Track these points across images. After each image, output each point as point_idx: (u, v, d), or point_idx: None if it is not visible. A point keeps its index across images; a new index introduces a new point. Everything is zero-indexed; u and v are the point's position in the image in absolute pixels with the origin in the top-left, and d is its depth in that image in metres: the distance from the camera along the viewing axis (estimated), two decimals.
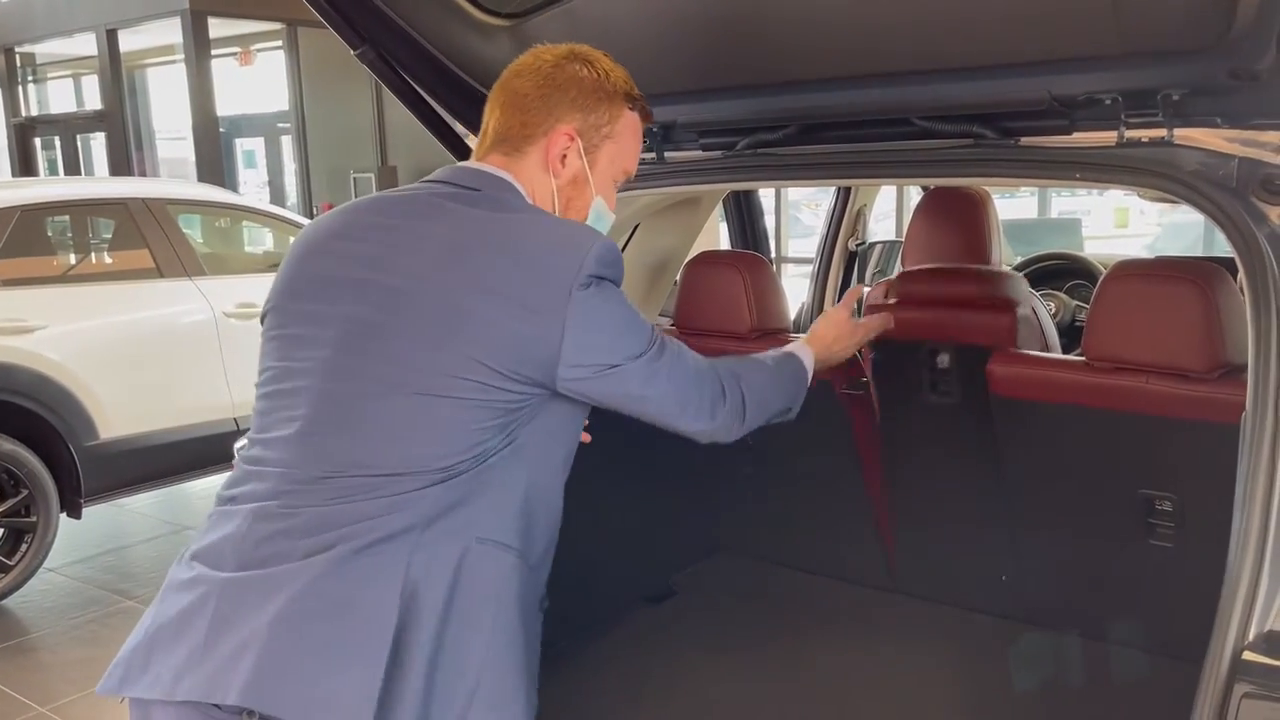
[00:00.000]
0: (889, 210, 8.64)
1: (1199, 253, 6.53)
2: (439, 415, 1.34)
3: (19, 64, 15.37)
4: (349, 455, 1.34)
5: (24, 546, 4.41)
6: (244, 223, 6.26)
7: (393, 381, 1.35)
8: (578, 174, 1.51)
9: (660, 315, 2.99)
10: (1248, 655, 1.22)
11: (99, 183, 7.92)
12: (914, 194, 5.87)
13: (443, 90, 2.10)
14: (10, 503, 4.36)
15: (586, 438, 1.82)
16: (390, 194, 1.54)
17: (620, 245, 2.76)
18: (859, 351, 3.53)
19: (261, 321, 1.53)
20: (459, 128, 2.19)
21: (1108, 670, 2.29)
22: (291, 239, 6.23)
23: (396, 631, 1.27)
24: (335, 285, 1.42)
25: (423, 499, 1.32)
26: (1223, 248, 1.60)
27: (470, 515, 1.35)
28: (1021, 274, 3.82)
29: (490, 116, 1.54)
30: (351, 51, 2.01)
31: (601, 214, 1.57)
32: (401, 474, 1.32)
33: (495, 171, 1.49)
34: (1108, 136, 1.70)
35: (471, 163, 1.52)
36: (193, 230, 5.74)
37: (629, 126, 1.56)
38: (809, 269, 3.89)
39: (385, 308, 1.37)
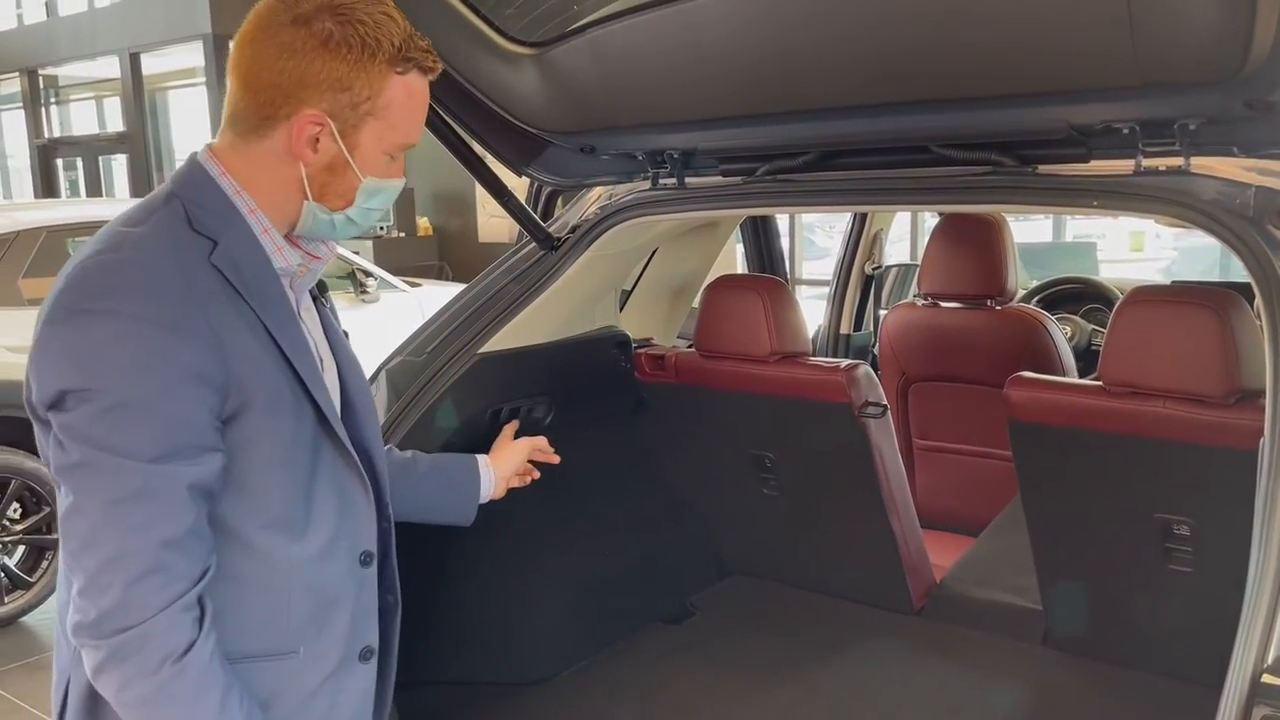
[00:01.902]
0: (905, 233, 8.66)
1: (1215, 277, 6.53)
2: None
3: (42, 86, 15.58)
4: None
5: (45, 564, 4.45)
6: None
7: None
8: (334, 160, 1.25)
9: (679, 337, 3.02)
10: (1267, 678, 1.23)
11: (122, 204, 8.01)
12: (929, 218, 5.89)
13: (468, 117, 2.14)
14: (32, 520, 4.41)
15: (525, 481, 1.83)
16: None
17: (639, 269, 2.79)
18: (875, 352, 3.53)
19: None
20: (482, 152, 2.23)
21: (1127, 695, 2.29)
22: None
23: None
24: None
25: None
26: (1239, 272, 1.62)
27: None
28: (1037, 297, 3.84)
29: (228, 89, 1.28)
30: None
31: (376, 190, 1.30)
32: None
33: (198, 156, 1.27)
34: (1125, 165, 1.72)
35: (196, 152, 1.30)
36: None
37: (401, 95, 1.25)
38: (823, 290, 3.91)
39: None
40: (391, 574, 1.43)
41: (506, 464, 1.81)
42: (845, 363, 2.43)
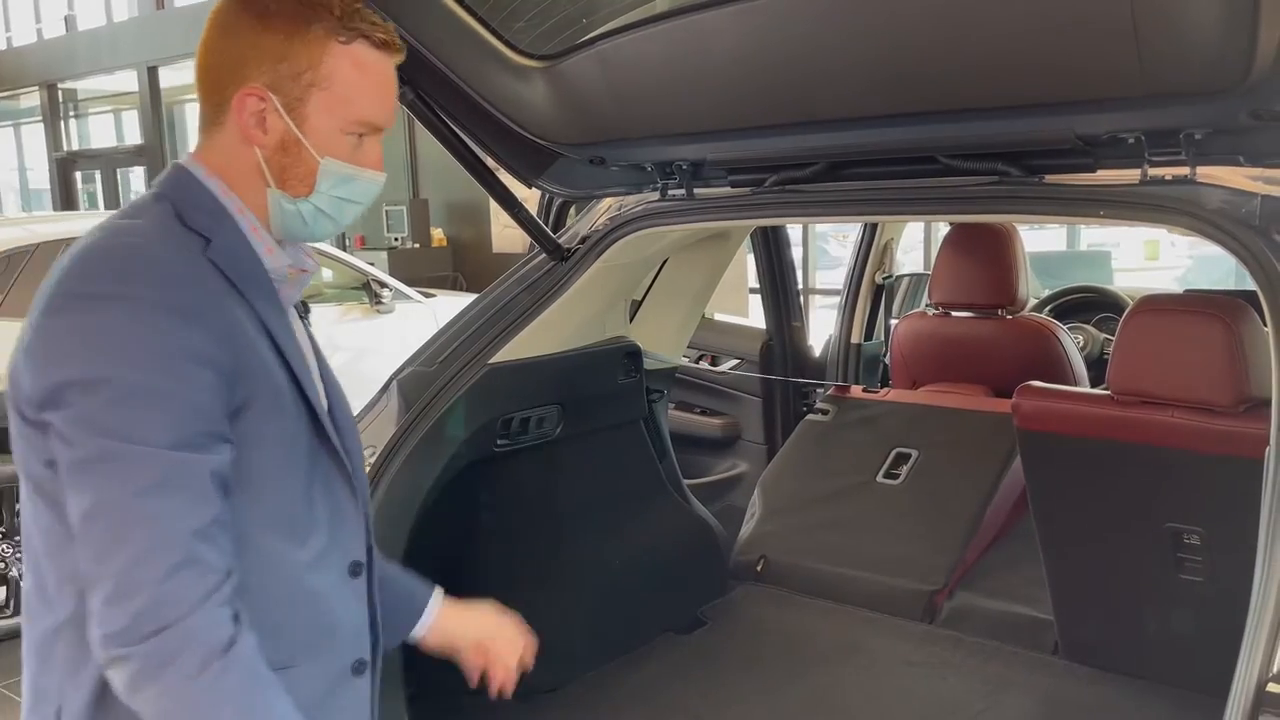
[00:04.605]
0: (916, 242, 8.65)
1: (1231, 285, 6.49)
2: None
3: (61, 100, 15.74)
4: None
5: None
6: None
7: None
8: (286, 138, 1.20)
9: (690, 348, 3.03)
10: (1272, 687, 1.23)
11: None
12: (941, 227, 5.89)
13: (479, 129, 2.16)
14: None
15: None
16: None
17: (650, 279, 2.81)
18: (885, 361, 3.53)
19: None
20: (493, 164, 2.25)
21: (1139, 705, 2.28)
22: (325, 270, 6.28)
23: None
24: None
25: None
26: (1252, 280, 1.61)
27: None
28: (1049, 307, 3.84)
29: None
30: None
31: (344, 177, 1.24)
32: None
33: (181, 160, 1.24)
34: (1131, 174, 1.73)
35: (183, 157, 1.27)
36: None
37: (346, 65, 1.19)
38: (836, 300, 3.92)
39: None
40: (375, 588, 1.38)
41: (466, 626, 1.55)
42: None
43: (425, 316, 5.76)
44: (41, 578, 1.17)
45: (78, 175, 15.54)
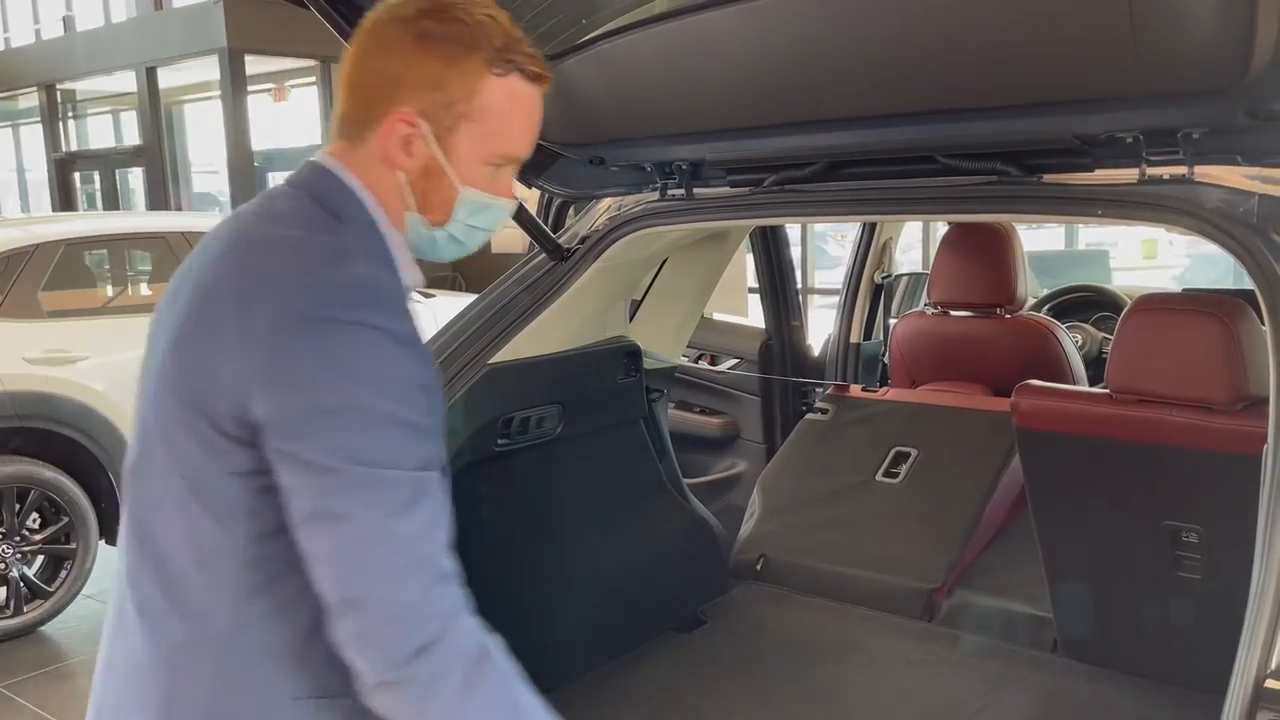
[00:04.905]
0: (915, 242, 8.66)
1: (1229, 284, 6.50)
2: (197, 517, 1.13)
3: (60, 100, 15.73)
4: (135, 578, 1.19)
5: (64, 573, 4.49)
6: None
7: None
8: (430, 165, 1.19)
9: (689, 347, 3.03)
10: (1270, 683, 1.23)
11: (139, 217, 8.10)
12: (940, 226, 5.90)
13: None
14: (51, 530, 4.45)
15: None
16: (237, 212, 1.28)
17: (649, 279, 2.81)
18: (884, 360, 3.53)
19: None
20: None
21: (1137, 702, 2.29)
22: None
23: None
24: (158, 327, 1.22)
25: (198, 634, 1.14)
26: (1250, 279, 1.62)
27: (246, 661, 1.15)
28: (1047, 306, 3.85)
29: (335, 96, 1.25)
30: None
31: (480, 206, 1.24)
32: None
33: (327, 164, 1.22)
34: (1129, 174, 1.73)
35: (317, 155, 1.25)
36: None
37: (500, 98, 1.18)
38: (835, 300, 3.93)
39: (156, 368, 1.18)
40: None
41: None
42: None
43: (425, 317, 5.75)
44: (182, 589, 1.15)
45: (76, 176, 15.53)
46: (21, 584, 4.40)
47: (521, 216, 2.30)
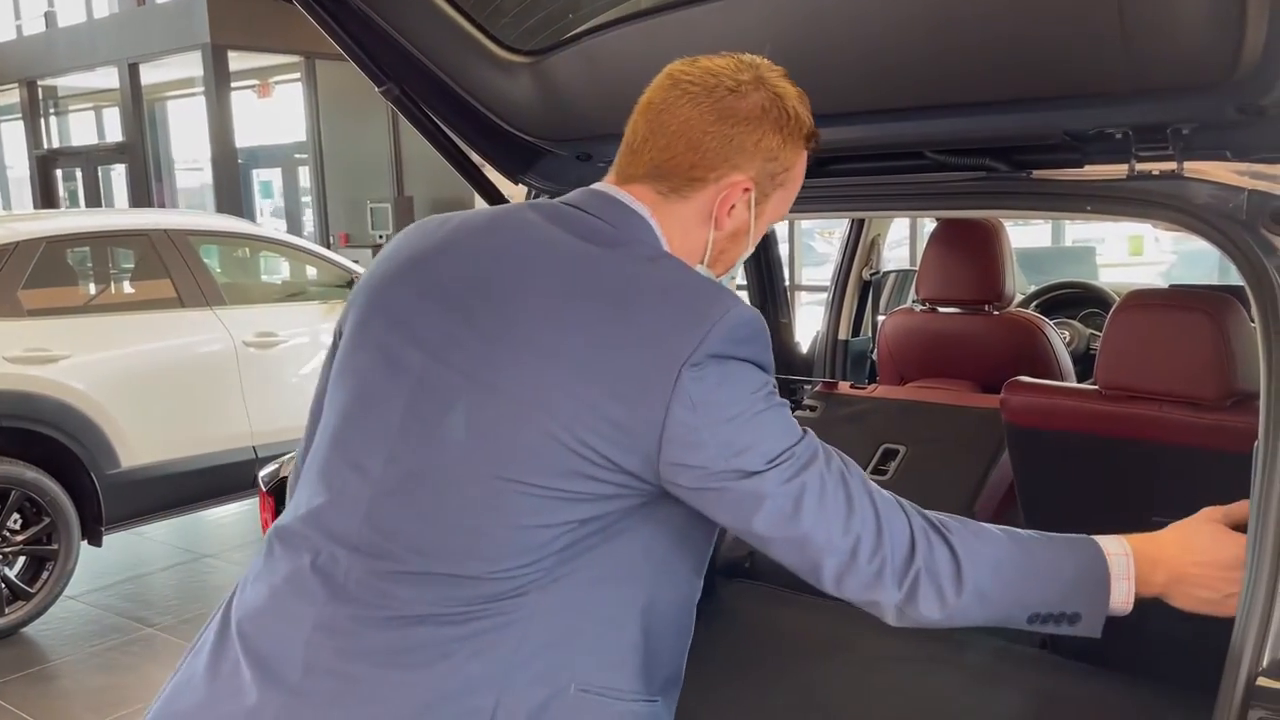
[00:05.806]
0: (903, 238, 8.67)
1: (1215, 280, 6.55)
2: (516, 505, 1.14)
3: (41, 97, 15.63)
4: (413, 543, 1.16)
5: (45, 574, 4.45)
6: (263, 253, 6.34)
7: (465, 459, 1.16)
8: (740, 227, 1.28)
9: None
10: (1262, 681, 1.23)
11: (121, 214, 8.05)
12: (928, 223, 5.91)
13: (465, 125, 2.15)
14: (32, 530, 4.41)
15: None
16: (501, 214, 1.34)
17: None
18: (873, 357, 3.53)
19: (333, 348, 1.34)
20: (479, 161, 2.24)
21: (1128, 700, 2.29)
22: (310, 268, 6.30)
23: None
24: (416, 324, 1.22)
25: (505, 630, 1.16)
26: (1237, 276, 1.62)
27: (565, 654, 1.18)
28: (1035, 302, 3.85)
29: (643, 137, 1.28)
30: (376, 88, 2.06)
31: (743, 258, 1.38)
32: (467, 577, 1.15)
33: (634, 206, 1.26)
34: (1118, 170, 1.73)
35: (610, 189, 1.30)
36: (212, 260, 5.83)
37: (800, 169, 1.33)
38: (822, 297, 3.92)
39: (464, 366, 1.18)
40: None
41: None
42: None
43: None
44: (490, 580, 1.16)
45: (58, 173, 15.42)
46: (3, 585, 4.36)
47: None
